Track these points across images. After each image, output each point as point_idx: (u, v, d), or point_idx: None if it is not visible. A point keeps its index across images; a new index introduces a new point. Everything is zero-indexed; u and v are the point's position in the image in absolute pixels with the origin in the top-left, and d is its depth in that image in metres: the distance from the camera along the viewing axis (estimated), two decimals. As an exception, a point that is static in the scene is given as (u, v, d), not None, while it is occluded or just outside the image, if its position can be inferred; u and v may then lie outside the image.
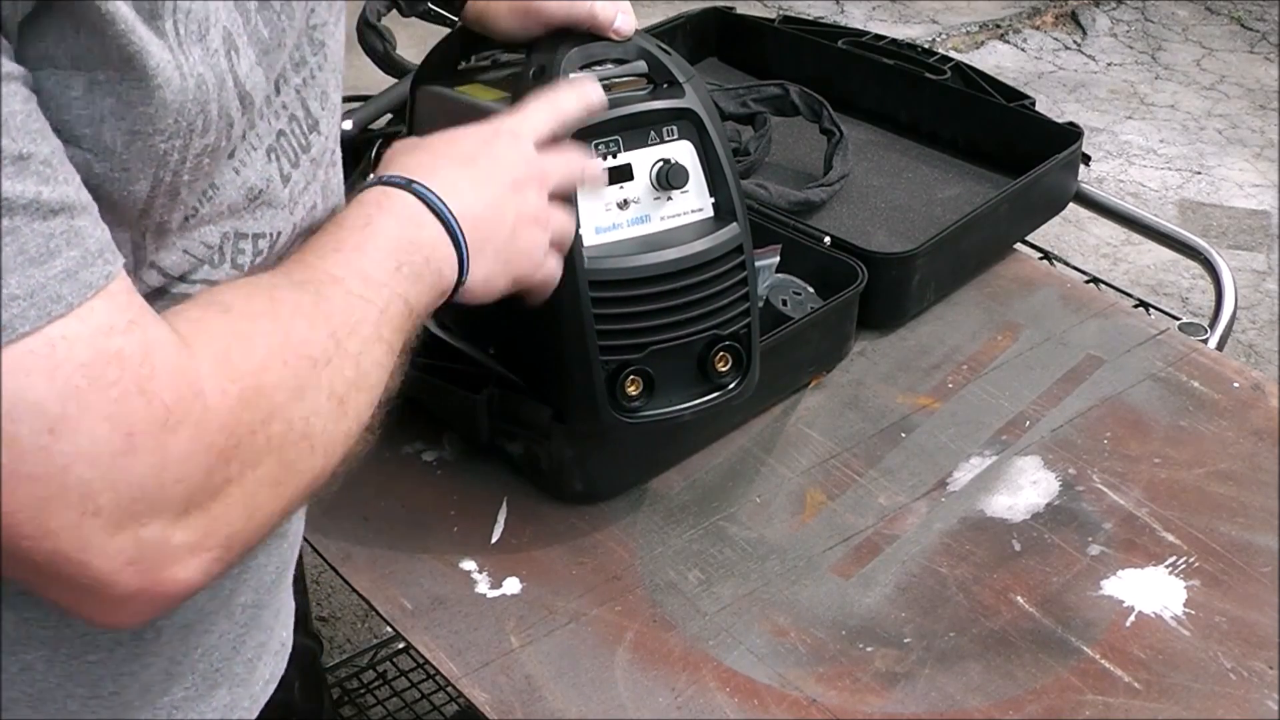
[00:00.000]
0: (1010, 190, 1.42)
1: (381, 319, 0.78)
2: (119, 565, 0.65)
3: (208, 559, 0.68)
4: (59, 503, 0.62)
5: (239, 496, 0.69)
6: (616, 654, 1.03)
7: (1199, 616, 1.06)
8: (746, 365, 1.07)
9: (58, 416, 0.61)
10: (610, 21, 1.03)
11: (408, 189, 0.84)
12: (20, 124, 0.60)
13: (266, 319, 0.72)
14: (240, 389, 0.68)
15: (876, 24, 4.29)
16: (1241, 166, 3.64)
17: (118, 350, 0.63)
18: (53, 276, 0.61)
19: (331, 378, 0.74)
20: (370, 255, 0.80)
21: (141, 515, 0.65)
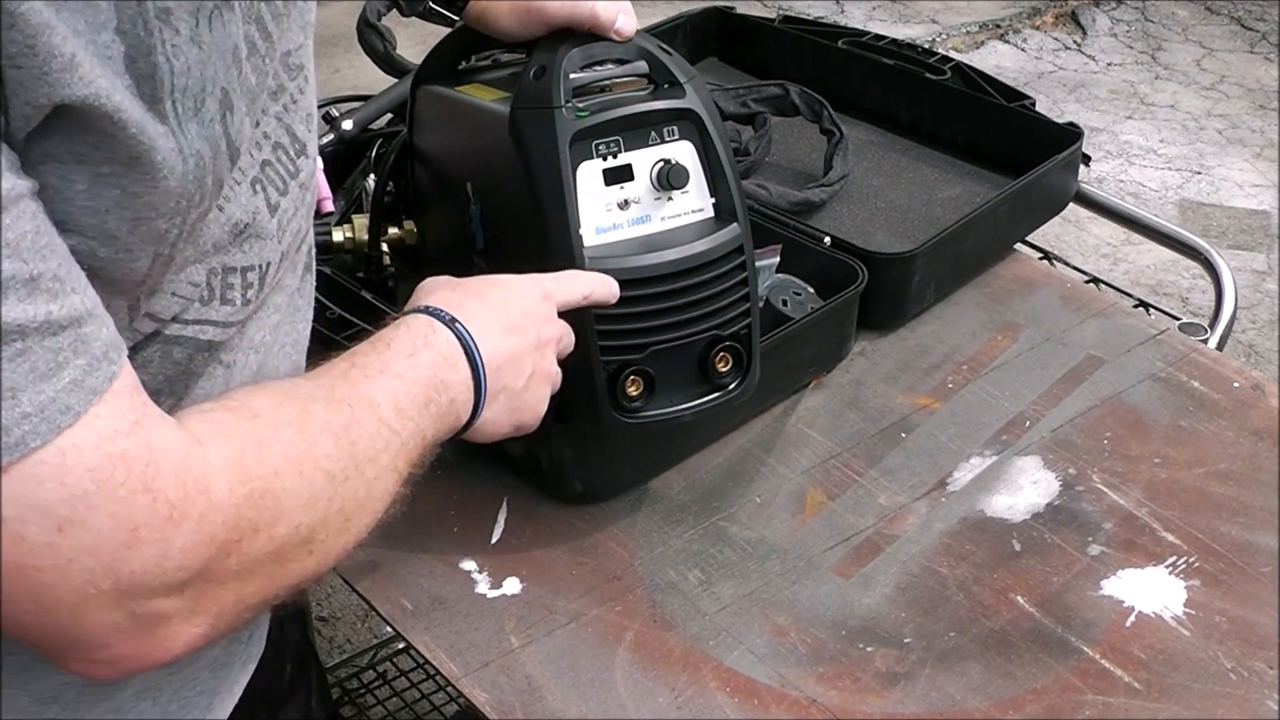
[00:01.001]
0: (1010, 190, 1.42)
1: (400, 451, 0.83)
2: (111, 634, 0.69)
3: (195, 633, 0.72)
4: (62, 588, 0.66)
5: (233, 585, 0.73)
6: (616, 654, 1.03)
7: (1199, 616, 1.06)
8: (747, 365, 1.07)
9: (65, 518, 0.65)
10: (611, 22, 1.03)
11: (450, 327, 0.89)
12: (30, 244, 0.63)
13: (293, 429, 0.76)
14: (249, 490, 0.72)
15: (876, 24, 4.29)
16: (1241, 166, 3.64)
17: (123, 452, 0.66)
18: (61, 389, 0.64)
19: (345, 496, 0.78)
20: (408, 387, 0.84)
21: (139, 597, 0.68)
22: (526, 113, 1.01)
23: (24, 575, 0.65)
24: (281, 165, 0.81)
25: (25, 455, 0.63)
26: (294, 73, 0.83)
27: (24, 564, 0.65)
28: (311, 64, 0.86)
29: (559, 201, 1.00)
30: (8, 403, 0.62)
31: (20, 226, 0.63)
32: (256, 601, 0.76)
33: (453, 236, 1.16)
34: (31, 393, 0.63)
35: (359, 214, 1.33)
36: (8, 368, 0.62)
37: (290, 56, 0.83)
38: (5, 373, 0.62)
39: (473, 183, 1.11)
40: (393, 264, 1.31)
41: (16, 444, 0.63)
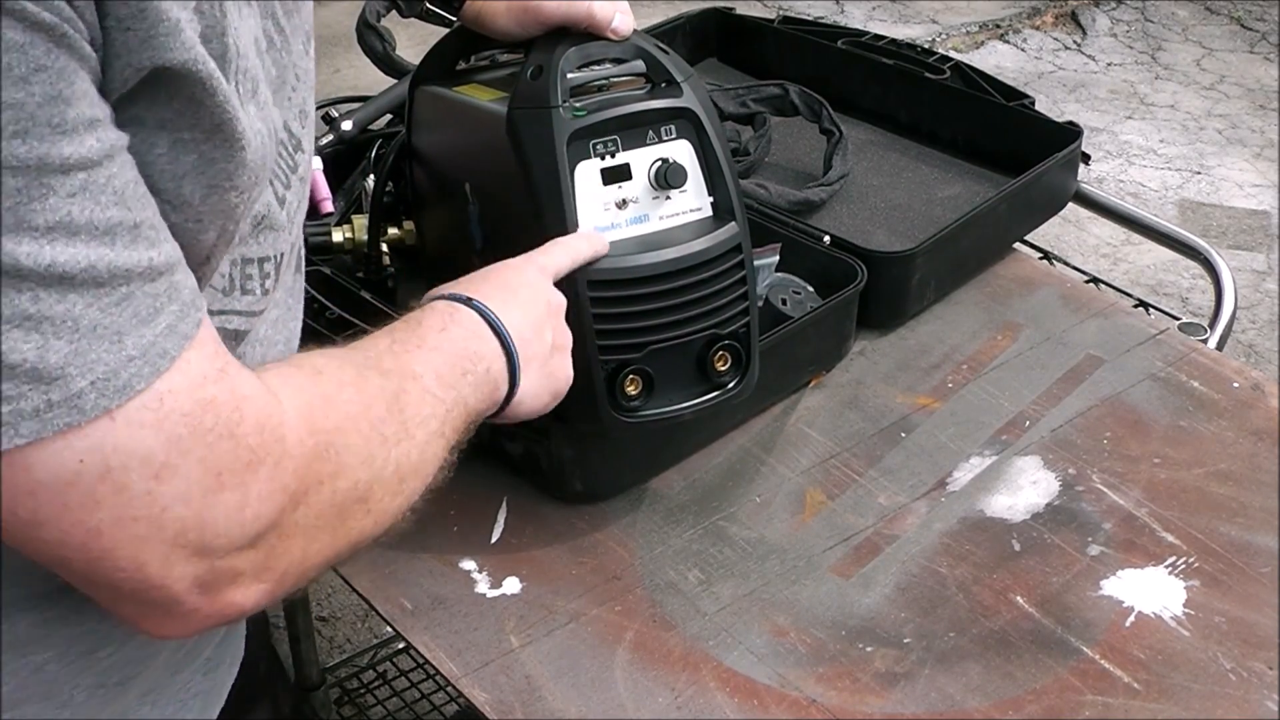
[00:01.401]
0: (1010, 190, 1.42)
1: (447, 417, 0.85)
2: (190, 588, 0.70)
3: (262, 589, 0.74)
4: (156, 540, 0.67)
5: (299, 539, 0.74)
6: (616, 654, 1.03)
7: (1199, 616, 1.06)
8: (746, 365, 1.07)
9: (162, 464, 0.66)
10: (608, 21, 1.03)
11: (470, 305, 0.91)
12: (132, 192, 0.65)
13: (353, 389, 0.79)
14: (316, 442, 0.74)
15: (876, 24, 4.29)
16: (1241, 166, 3.64)
17: (212, 398, 0.68)
18: (160, 333, 0.66)
19: (399, 457, 0.80)
20: (445, 358, 0.87)
21: (221, 547, 0.70)
22: (524, 112, 1.01)
23: (123, 528, 0.66)
24: (284, 160, 0.83)
25: (130, 399, 0.64)
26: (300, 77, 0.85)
27: (124, 515, 0.66)
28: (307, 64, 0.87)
29: (557, 201, 1.00)
30: (114, 346, 0.64)
31: (125, 175, 0.64)
32: (318, 560, 0.77)
33: (451, 236, 1.16)
34: (135, 336, 0.65)
35: (358, 214, 1.33)
36: (115, 311, 0.64)
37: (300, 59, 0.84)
38: (113, 316, 0.64)
39: (471, 183, 1.11)
40: (392, 264, 1.31)
41: (124, 386, 0.64)
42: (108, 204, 0.63)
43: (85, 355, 0.63)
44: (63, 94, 0.61)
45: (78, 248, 0.62)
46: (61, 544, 0.66)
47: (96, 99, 0.63)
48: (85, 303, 0.63)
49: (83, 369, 0.63)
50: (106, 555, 0.67)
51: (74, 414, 0.63)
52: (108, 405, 0.64)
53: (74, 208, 0.62)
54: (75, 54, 0.62)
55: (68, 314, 0.62)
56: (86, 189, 0.62)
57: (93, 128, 0.63)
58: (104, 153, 0.63)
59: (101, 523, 0.66)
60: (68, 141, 0.61)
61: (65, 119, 0.61)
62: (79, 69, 0.62)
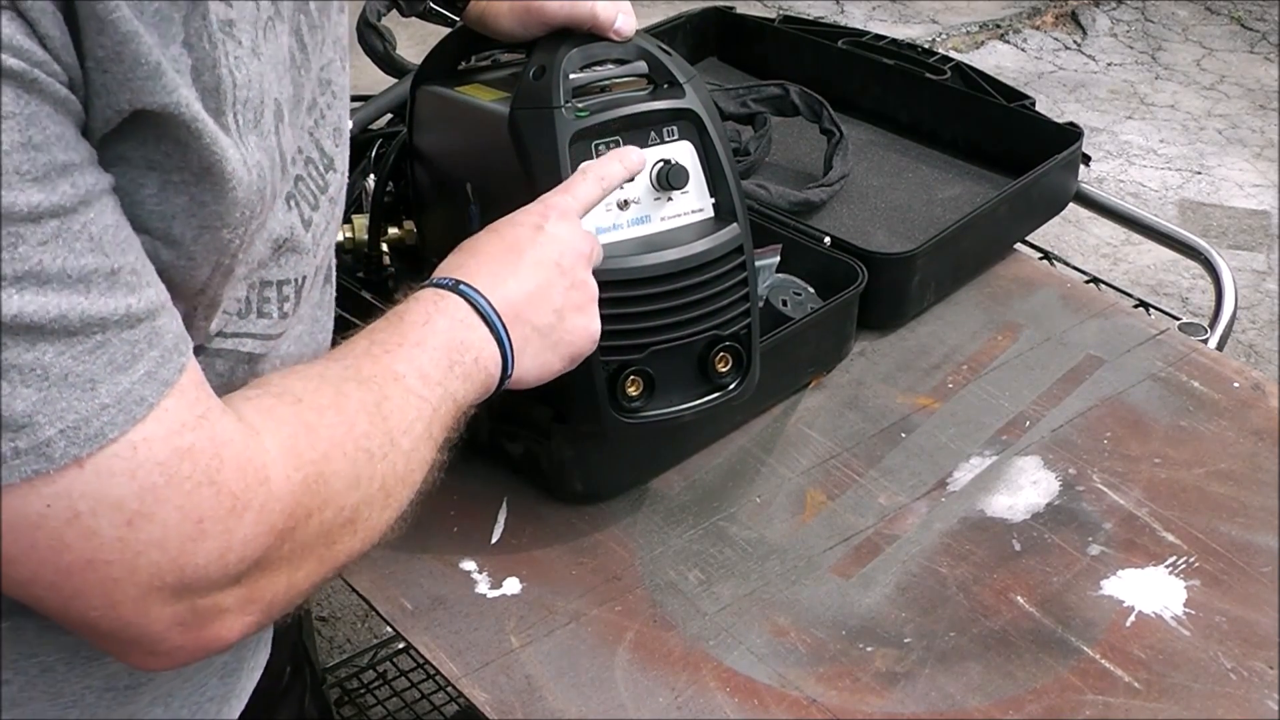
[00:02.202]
0: (1010, 190, 1.42)
1: (434, 417, 0.83)
2: (170, 627, 0.69)
3: (248, 621, 0.73)
4: (129, 583, 0.67)
5: (285, 571, 0.73)
6: (616, 654, 1.03)
7: (1199, 616, 1.06)
8: (747, 365, 1.07)
9: (135, 511, 0.65)
10: (611, 22, 1.03)
11: (455, 290, 0.89)
12: (112, 238, 0.64)
13: (332, 411, 0.77)
14: (304, 476, 0.73)
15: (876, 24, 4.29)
16: (1241, 166, 3.64)
17: (190, 446, 0.67)
18: (137, 380, 0.65)
19: (385, 471, 0.79)
20: (429, 353, 0.84)
21: (202, 589, 0.69)
22: (526, 113, 1.01)
23: (93, 570, 0.66)
24: (312, 180, 0.82)
25: (102, 448, 0.64)
26: (324, 87, 0.84)
27: (94, 559, 0.65)
28: (343, 80, 0.86)
29: (559, 201, 1.00)
30: (87, 394, 0.63)
31: (103, 220, 0.64)
32: (306, 586, 0.76)
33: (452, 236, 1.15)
34: (109, 384, 0.64)
35: (359, 214, 1.33)
36: (88, 360, 0.63)
37: (324, 71, 0.84)
38: (86, 364, 0.63)
39: (472, 183, 1.11)
40: (393, 264, 1.31)
41: (95, 435, 0.63)
42: (82, 251, 0.62)
43: (54, 404, 0.62)
44: (32, 140, 0.60)
45: (48, 296, 0.61)
46: (32, 583, 0.66)
47: (74, 142, 0.62)
48: (56, 351, 0.62)
49: (51, 417, 0.62)
50: (78, 595, 0.66)
51: (41, 461, 0.63)
52: (77, 454, 0.63)
53: (45, 256, 0.61)
54: (48, 99, 0.61)
55: (36, 362, 0.61)
56: (59, 236, 0.61)
57: (66, 173, 0.62)
58: (79, 199, 0.62)
59: (71, 565, 0.65)
60: (38, 189, 0.60)
61: (35, 165, 0.60)
62: (53, 113, 0.61)
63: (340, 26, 0.86)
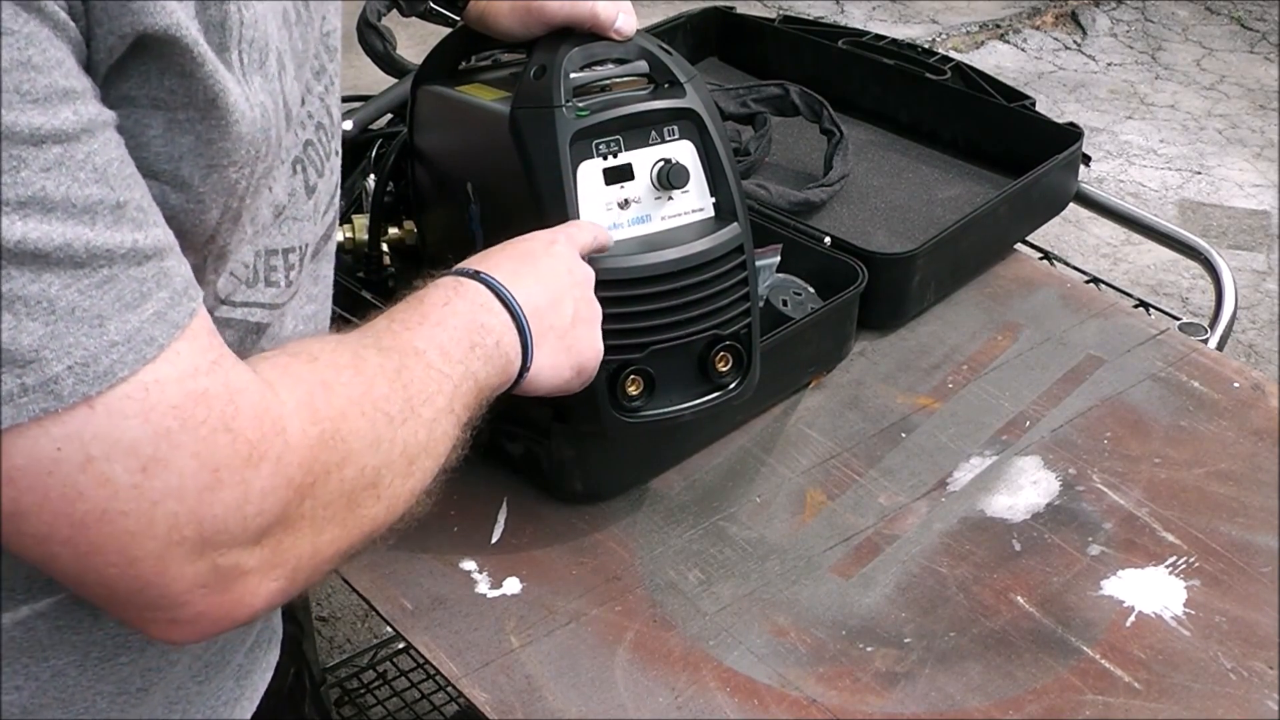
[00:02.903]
0: (1010, 190, 1.42)
1: (455, 393, 0.82)
2: (192, 588, 0.67)
3: (273, 587, 0.71)
4: (146, 535, 0.65)
5: (308, 532, 0.72)
6: (616, 654, 1.03)
7: (1199, 616, 1.06)
8: (747, 365, 1.07)
9: (150, 457, 0.63)
10: (612, 21, 1.03)
11: (476, 278, 0.89)
12: (116, 171, 0.62)
13: (350, 371, 0.76)
14: (320, 431, 0.71)
15: (876, 24, 4.29)
16: (1241, 166, 3.64)
17: (204, 390, 0.65)
18: (146, 320, 0.63)
19: (406, 437, 0.77)
20: (449, 332, 0.84)
21: (221, 545, 0.67)
22: (527, 112, 1.01)
23: (109, 522, 0.63)
24: (320, 145, 0.81)
25: (112, 387, 0.62)
26: (331, 54, 0.83)
27: (110, 509, 0.63)
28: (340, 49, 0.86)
29: (559, 201, 1.00)
30: (94, 330, 0.61)
31: (107, 153, 0.62)
32: (331, 552, 0.74)
33: (453, 236, 1.16)
34: (118, 321, 0.62)
35: (359, 214, 1.33)
36: (95, 294, 0.61)
37: (329, 38, 0.83)
38: (93, 299, 0.61)
39: (473, 182, 1.11)
40: (393, 264, 1.31)
41: (105, 373, 0.61)
42: (87, 180, 0.60)
43: (62, 338, 0.60)
44: (32, 60, 0.58)
45: (53, 225, 0.59)
46: (47, 538, 0.64)
47: (75, 71, 0.60)
48: (62, 283, 0.60)
49: (59, 352, 0.60)
50: (95, 550, 0.64)
51: (50, 399, 0.60)
52: (87, 392, 0.61)
53: (48, 182, 0.59)
54: (48, 20, 0.59)
55: (42, 294, 0.59)
56: (62, 163, 0.59)
57: (68, 99, 0.60)
58: (81, 126, 0.60)
59: (86, 515, 0.63)
60: (39, 111, 0.59)
61: (35, 87, 0.58)
62: (52, 36, 0.59)
63: None
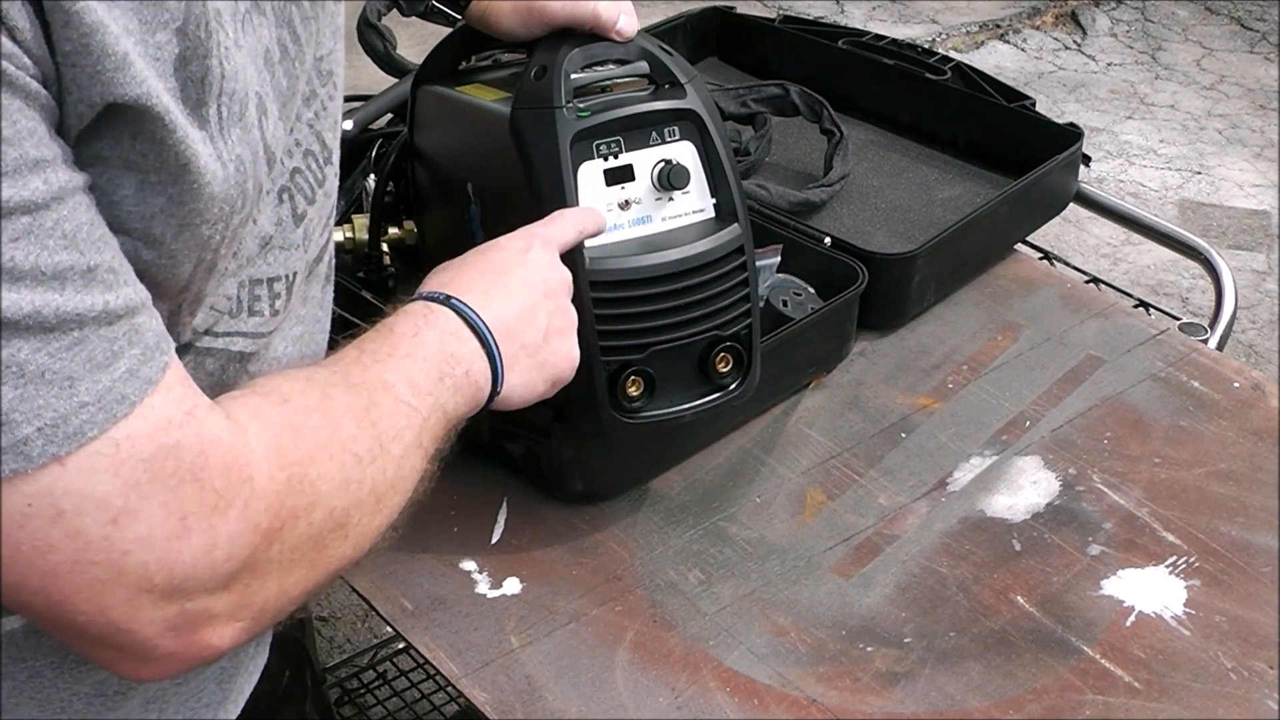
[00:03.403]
0: (1010, 191, 1.42)
1: (424, 427, 0.82)
2: (161, 633, 0.69)
3: (239, 628, 0.72)
4: (117, 584, 0.66)
5: (275, 575, 0.73)
6: (616, 654, 1.03)
7: (1199, 616, 1.06)
8: (747, 366, 1.07)
9: (120, 509, 0.65)
10: (613, 22, 1.03)
11: (446, 304, 0.89)
12: (87, 235, 0.63)
13: (319, 413, 0.76)
14: (288, 476, 0.72)
15: (876, 24, 4.29)
16: (1241, 166, 3.64)
17: (175, 443, 0.66)
18: (117, 378, 0.64)
19: (374, 476, 0.78)
20: (418, 364, 0.84)
21: (190, 591, 0.68)
22: (527, 113, 1.01)
23: (80, 571, 0.65)
24: (311, 173, 0.82)
25: (82, 445, 0.63)
26: (325, 78, 0.83)
27: (81, 559, 0.65)
28: (341, 70, 0.86)
29: (560, 202, 1.00)
30: (65, 392, 0.62)
31: (77, 218, 0.63)
32: (298, 593, 0.76)
33: (453, 236, 1.16)
34: (89, 382, 0.63)
35: (359, 214, 1.33)
36: (66, 356, 0.62)
37: (322, 62, 0.83)
38: (63, 362, 0.62)
39: (473, 183, 1.11)
40: (393, 264, 1.31)
41: (75, 433, 0.63)
42: (56, 248, 0.62)
43: (32, 401, 0.62)
44: (2, 134, 0.60)
45: (21, 293, 0.61)
46: (20, 586, 0.65)
47: (46, 139, 0.62)
48: (31, 348, 0.61)
49: (29, 415, 0.62)
50: (66, 599, 0.66)
51: (19, 460, 0.62)
52: (56, 452, 0.63)
53: (17, 252, 0.60)
54: (19, 92, 0.60)
55: (12, 359, 0.61)
56: (31, 232, 0.61)
57: (38, 169, 0.61)
58: (51, 195, 0.62)
59: (58, 565, 0.64)
60: (8, 183, 0.60)
61: (5, 160, 0.60)
62: (23, 107, 0.60)
63: (339, 16, 0.85)
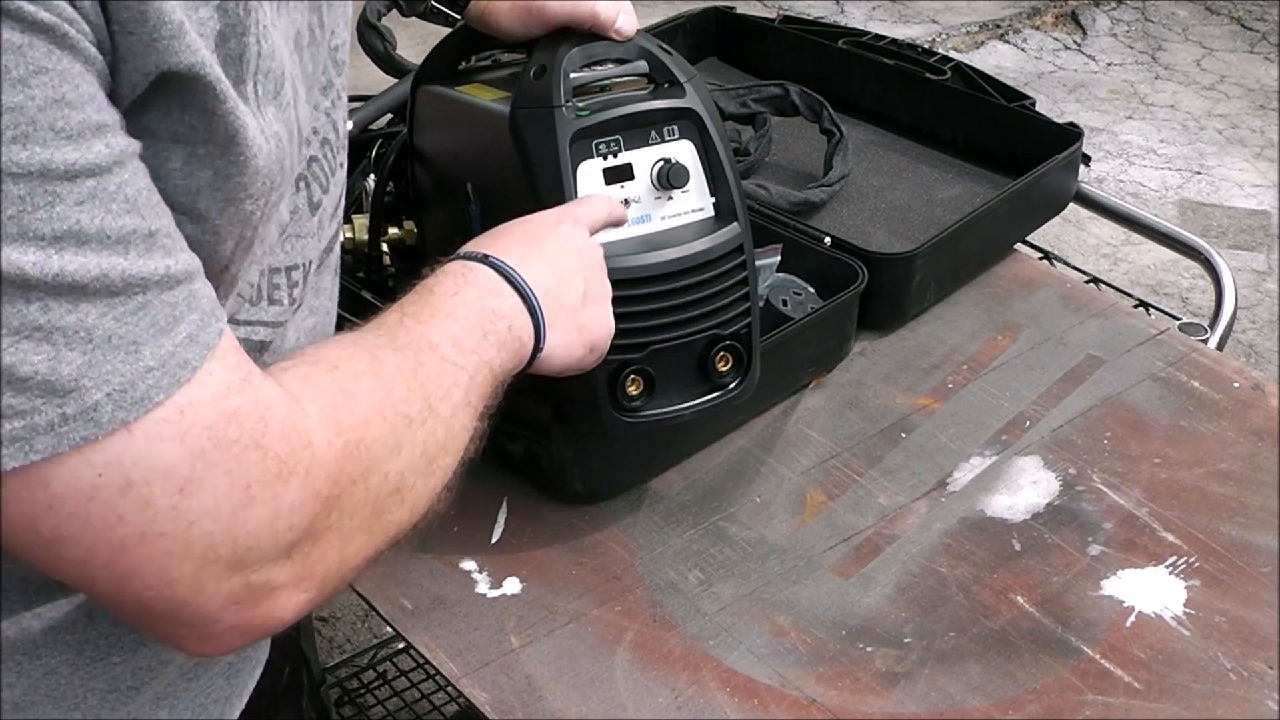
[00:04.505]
0: (1010, 190, 1.42)
1: (470, 385, 0.82)
2: (226, 605, 0.68)
3: (303, 598, 0.72)
4: (183, 556, 0.66)
5: (336, 542, 0.72)
6: (616, 654, 1.03)
7: (1199, 616, 1.06)
8: (747, 365, 1.07)
9: (186, 478, 0.64)
10: (612, 22, 1.03)
11: (485, 262, 0.88)
12: (146, 200, 0.63)
13: (370, 377, 0.76)
14: (345, 442, 0.72)
15: (876, 24, 4.29)
16: (1241, 166, 3.64)
17: (235, 409, 0.66)
18: (179, 343, 0.64)
19: (425, 438, 0.78)
20: (461, 322, 0.84)
21: (254, 562, 0.68)
22: (527, 112, 1.01)
23: (148, 544, 0.64)
24: (326, 161, 0.82)
25: (148, 411, 0.63)
26: (339, 68, 0.84)
27: (148, 531, 0.64)
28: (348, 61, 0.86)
29: (559, 201, 1.00)
30: (130, 357, 0.62)
31: (137, 182, 0.63)
32: (358, 561, 0.75)
33: (453, 237, 1.15)
34: (153, 346, 0.63)
35: (359, 214, 1.33)
36: (131, 321, 0.62)
37: (337, 51, 0.84)
38: (129, 326, 0.62)
39: (473, 182, 1.11)
40: (393, 264, 1.31)
41: (142, 398, 0.63)
42: (120, 211, 0.62)
43: (100, 366, 0.61)
44: (66, 97, 0.60)
45: (88, 256, 0.61)
46: (86, 562, 0.65)
47: (104, 103, 0.62)
48: (99, 312, 0.61)
49: (98, 381, 0.61)
50: (133, 573, 0.65)
51: (90, 427, 0.62)
52: (125, 418, 0.62)
53: (83, 215, 0.60)
54: (79, 56, 0.60)
55: (80, 324, 0.61)
56: (96, 196, 0.61)
57: (100, 133, 0.61)
58: (113, 159, 0.62)
59: (126, 539, 0.64)
60: (73, 147, 0.60)
61: (69, 123, 0.60)
62: (84, 72, 0.60)
63: (349, 7, 0.86)
